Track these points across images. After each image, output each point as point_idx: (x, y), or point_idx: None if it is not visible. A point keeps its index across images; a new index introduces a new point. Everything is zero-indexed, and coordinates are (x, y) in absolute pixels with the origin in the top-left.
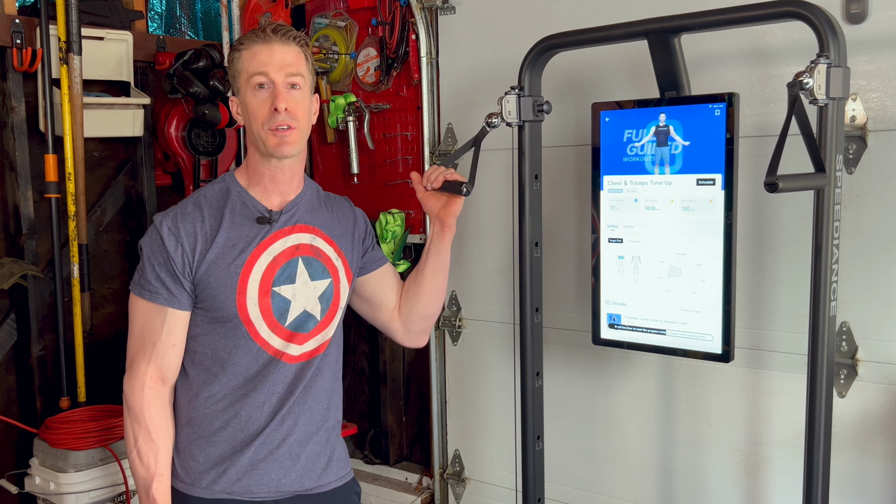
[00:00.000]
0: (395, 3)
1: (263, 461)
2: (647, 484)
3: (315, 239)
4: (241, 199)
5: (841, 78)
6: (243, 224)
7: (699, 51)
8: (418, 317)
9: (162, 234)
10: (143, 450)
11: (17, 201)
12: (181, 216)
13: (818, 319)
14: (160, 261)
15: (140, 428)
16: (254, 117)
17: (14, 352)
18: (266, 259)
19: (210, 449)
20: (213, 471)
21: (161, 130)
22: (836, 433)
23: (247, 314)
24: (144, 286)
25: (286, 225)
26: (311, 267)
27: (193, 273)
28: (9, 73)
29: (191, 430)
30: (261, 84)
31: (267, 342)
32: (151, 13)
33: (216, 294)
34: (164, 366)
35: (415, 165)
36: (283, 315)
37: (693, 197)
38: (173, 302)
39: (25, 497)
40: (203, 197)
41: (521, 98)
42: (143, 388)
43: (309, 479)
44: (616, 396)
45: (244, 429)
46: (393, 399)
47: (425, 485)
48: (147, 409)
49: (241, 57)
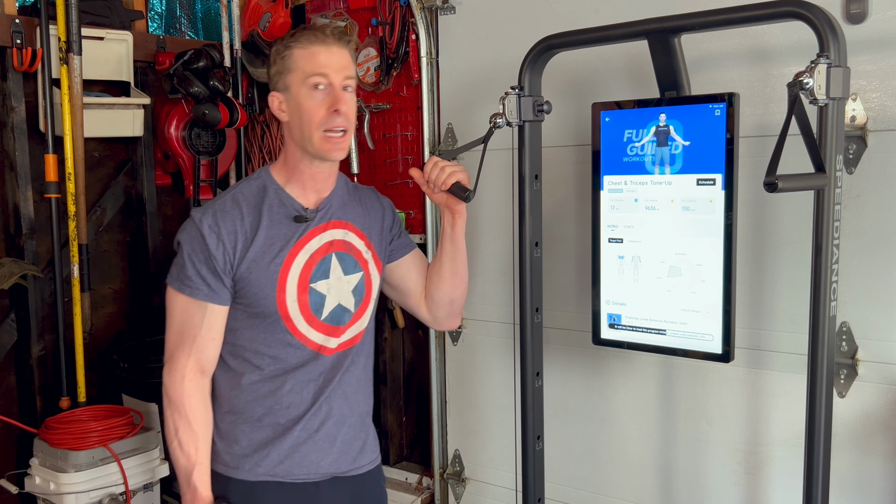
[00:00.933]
0: (395, 3)
1: (304, 444)
2: (647, 484)
3: (347, 234)
4: (277, 197)
5: (841, 78)
6: (281, 222)
7: (699, 51)
8: (441, 303)
9: (203, 232)
10: (184, 439)
11: (17, 201)
12: (221, 214)
13: (818, 319)
14: (201, 258)
15: (181, 418)
16: (308, 117)
17: (14, 352)
18: (304, 257)
19: (253, 434)
20: (256, 454)
21: (161, 130)
22: (836, 433)
23: (286, 310)
24: (184, 282)
25: (321, 222)
26: (344, 262)
27: (234, 270)
28: (9, 73)
29: (234, 417)
30: (318, 85)
31: (306, 336)
32: (151, 13)
33: (256, 291)
34: (204, 358)
35: (415, 165)
36: (318, 309)
37: (693, 197)
38: (213, 297)
39: (25, 497)
40: (240, 194)
41: (521, 98)
42: (182, 380)
43: (345, 461)
44: (616, 396)
45: (286, 414)
46: (393, 399)
47: (425, 485)
48: (187, 400)
49: (295, 55)
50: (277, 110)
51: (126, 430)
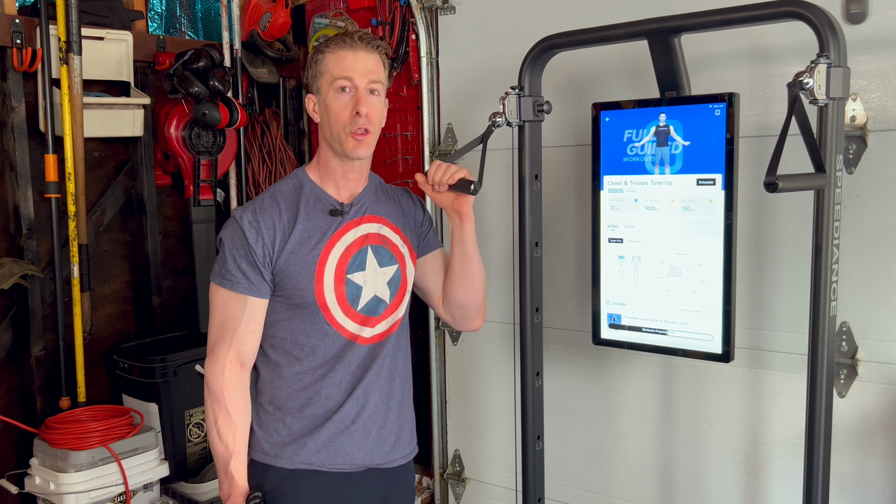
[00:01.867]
0: (395, 3)
1: (340, 435)
2: (647, 484)
3: (382, 228)
4: (314, 194)
5: (841, 78)
6: (317, 216)
7: (699, 51)
8: (456, 305)
9: (243, 227)
10: (223, 429)
11: (17, 201)
12: (260, 210)
13: (818, 319)
14: (241, 252)
15: (220, 409)
16: (335, 118)
17: (14, 352)
18: (340, 249)
19: (293, 424)
20: (295, 443)
21: (161, 130)
22: (836, 433)
23: (324, 300)
24: (225, 276)
25: (356, 216)
26: (380, 255)
27: (273, 263)
28: (9, 73)
29: (274, 408)
30: (344, 87)
31: (342, 326)
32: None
33: (296, 282)
34: (244, 351)
35: (415, 165)
36: (355, 300)
37: (693, 197)
38: (253, 290)
39: (25, 497)
40: (278, 192)
41: (521, 98)
42: (223, 372)
43: (379, 453)
44: (616, 396)
45: (324, 405)
46: None
47: (425, 485)
48: (227, 391)
49: (326, 59)
50: (312, 112)
51: (126, 430)
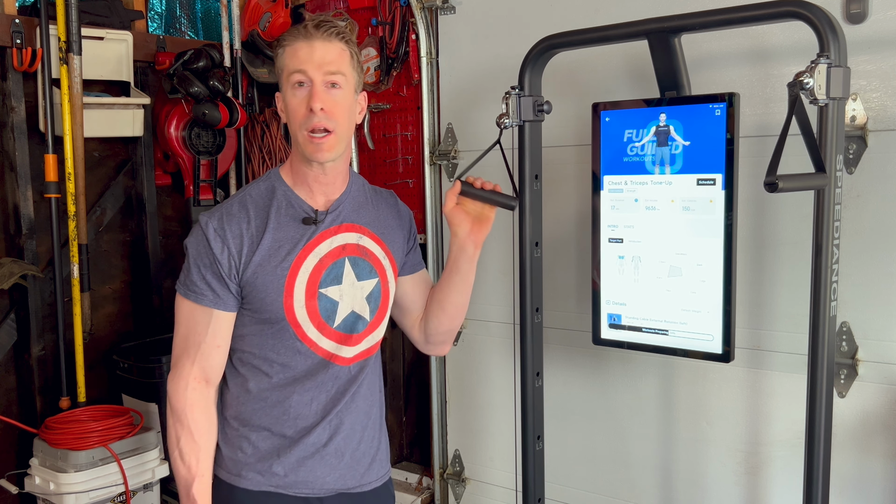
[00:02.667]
0: (395, 3)
1: (310, 458)
2: (647, 484)
3: (362, 238)
4: (286, 199)
5: (841, 78)
6: (289, 225)
7: (699, 51)
8: (437, 331)
9: (208, 236)
10: (186, 450)
11: (17, 201)
12: (227, 217)
13: (818, 319)
14: (205, 262)
15: (183, 428)
16: (293, 117)
17: (14, 352)
18: (312, 261)
19: (259, 443)
20: (260, 464)
21: (161, 130)
22: (836, 433)
23: (294, 316)
24: (190, 287)
25: (332, 225)
26: (358, 267)
27: (240, 275)
28: (9, 73)
29: (239, 423)
30: (300, 82)
31: (316, 344)
32: (151, 13)
33: (263, 297)
34: (209, 367)
35: (415, 165)
36: (330, 317)
37: (693, 197)
38: (218, 303)
39: (25, 497)
40: (248, 196)
41: (521, 98)
42: (186, 389)
43: (352, 477)
44: (616, 396)
45: (293, 426)
46: (393, 399)
47: (425, 485)
48: (190, 409)
49: (284, 54)
50: (280, 111)
51: (126, 430)
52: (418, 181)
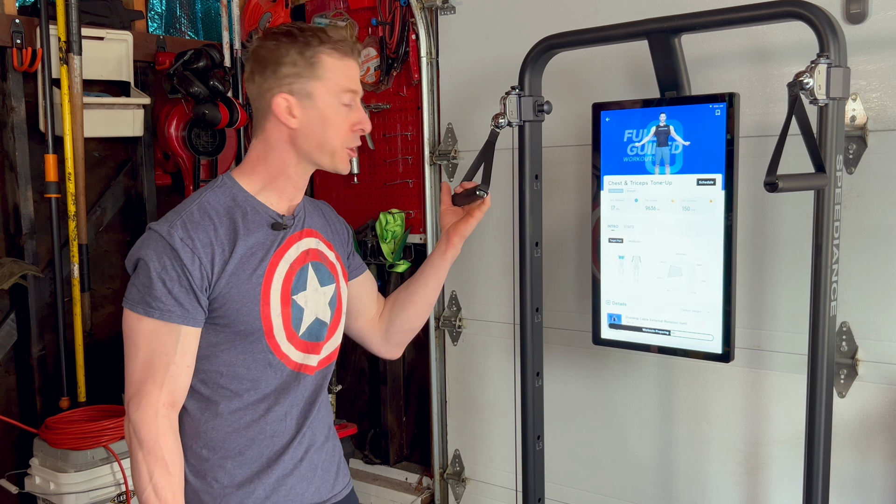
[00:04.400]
0: (395, 3)
1: (289, 476)
2: (647, 484)
3: (319, 243)
4: (249, 205)
5: (841, 78)
6: (258, 230)
7: (699, 51)
8: (401, 329)
9: (175, 246)
10: (161, 484)
11: (17, 201)
12: (191, 225)
13: (818, 319)
14: (173, 275)
15: (156, 461)
16: (336, 131)
17: (14, 352)
18: (284, 266)
19: (236, 470)
20: (239, 491)
21: (161, 130)
22: (836, 433)
23: (270, 325)
24: (152, 304)
25: (296, 230)
26: (320, 272)
27: (212, 287)
28: (9, 73)
29: (210, 452)
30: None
31: (286, 355)
32: (151, 13)
33: (239, 307)
34: (177, 389)
35: (415, 165)
36: (297, 324)
37: (693, 197)
38: (187, 319)
39: (25, 497)
40: (207, 203)
41: (521, 98)
42: (156, 417)
43: (325, 488)
44: (616, 396)
45: (270, 445)
46: (393, 399)
47: (425, 485)
48: (163, 440)
49: (328, 64)
50: (286, 114)
51: None
52: (418, 181)
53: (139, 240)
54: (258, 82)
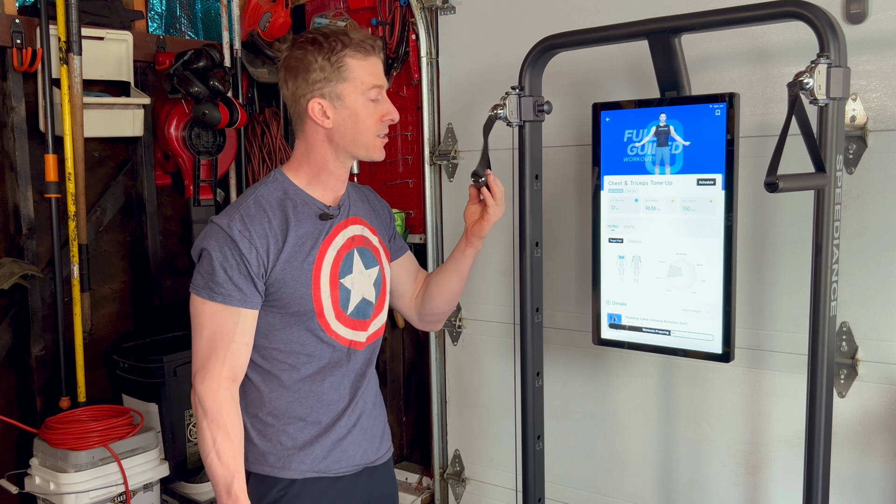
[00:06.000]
0: (395, 3)
1: (344, 439)
2: (647, 484)
3: (364, 230)
4: (300, 198)
5: (841, 78)
6: (307, 221)
7: (699, 51)
8: (431, 312)
9: (234, 237)
10: (223, 450)
11: (17, 201)
12: (248, 218)
13: (818, 319)
14: (233, 263)
15: (219, 429)
16: (365, 125)
17: (14, 352)
18: (332, 253)
19: (297, 434)
20: (301, 452)
21: (161, 130)
22: (836, 433)
23: (321, 306)
24: (215, 289)
25: (343, 218)
26: (364, 256)
27: (268, 273)
28: (9, 73)
29: (274, 419)
30: (377, 97)
31: (336, 332)
32: (151, 13)
33: (293, 291)
34: (237, 365)
35: (415, 165)
36: (346, 305)
37: (693, 197)
38: (246, 302)
39: (25, 497)
40: (262, 197)
41: (521, 98)
42: (219, 389)
43: (372, 451)
44: (616, 396)
45: (327, 412)
46: (393, 399)
47: (425, 485)
48: (225, 409)
49: (353, 65)
50: (320, 116)
51: (126, 430)
52: (418, 181)
53: (202, 232)
54: (291, 89)
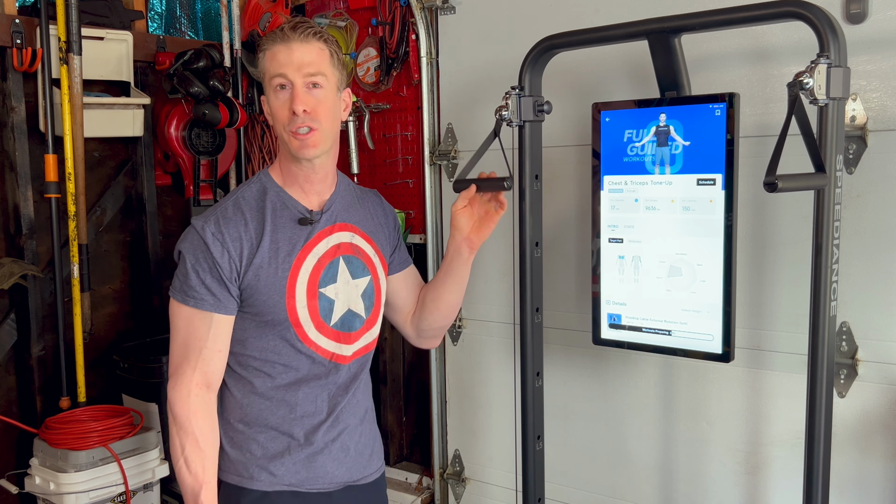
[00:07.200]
0: (395, 3)
1: (320, 454)
2: (647, 484)
3: (354, 237)
4: (280, 200)
5: (841, 78)
6: (286, 226)
7: (699, 51)
8: (429, 327)
9: (206, 240)
10: (191, 458)
11: (17, 201)
12: (223, 220)
13: (818, 319)
14: (205, 267)
15: (187, 436)
16: (276, 119)
17: (14, 352)
18: (311, 261)
19: (268, 444)
20: (271, 464)
21: (161, 130)
22: (836, 433)
23: (296, 317)
24: (188, 293)
25: (327, 225)
26: (352, 265)
27: (241, 278)
28: (9, 73)
29: (245, 426)
30: (281, 85)
31: (316, 344)
32: (151, 13)
33: (265, 299)
34: (210, 372)
35: (415, 165)
36: (328, 315)
37: (693, 197)
38: (219, 307)
39: (25, 497)
40: (242, 198)
41: (521, 98)
42: (188, 396)
43: (357, 469)
44: (616, 396)
45: (301, 424)
46: (393, 399)
47: (425, 485)
48: (194, 417)
49: (265, 58)
50: (266, 115)
51: (126, 430)
52: (418, 181)
53: (182, 234)
54: None
